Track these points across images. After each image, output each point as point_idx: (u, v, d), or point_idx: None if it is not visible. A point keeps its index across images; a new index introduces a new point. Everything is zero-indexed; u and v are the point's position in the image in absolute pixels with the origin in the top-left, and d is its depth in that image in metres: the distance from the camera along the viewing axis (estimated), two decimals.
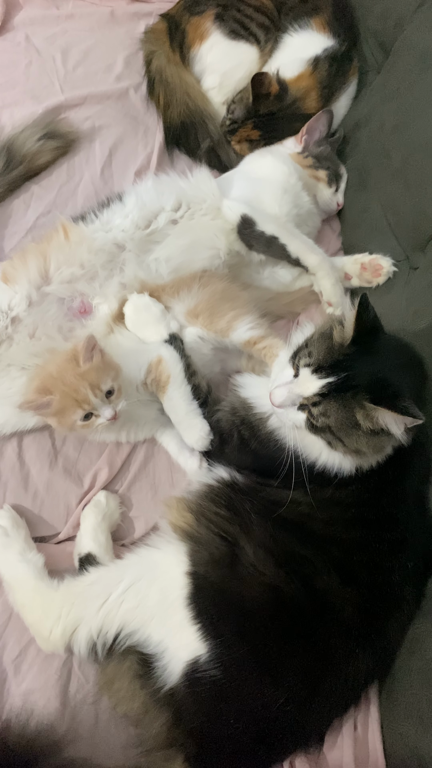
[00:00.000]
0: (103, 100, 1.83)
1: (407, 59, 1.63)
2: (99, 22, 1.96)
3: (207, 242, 1.50)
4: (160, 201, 1.48)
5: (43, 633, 1.18)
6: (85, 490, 1.38)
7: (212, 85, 1.84)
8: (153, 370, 1.34)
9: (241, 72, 1.81)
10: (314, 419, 1.14)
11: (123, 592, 1.14)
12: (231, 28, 1.79)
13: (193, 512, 1.23)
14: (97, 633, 1.13)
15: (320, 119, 1.66)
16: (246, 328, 1.40)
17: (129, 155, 1.77)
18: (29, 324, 1.36)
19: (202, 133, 1.76)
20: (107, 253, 1.42)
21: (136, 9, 2.00)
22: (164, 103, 1.80)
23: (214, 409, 1.35)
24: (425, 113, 1.51)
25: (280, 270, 1.60)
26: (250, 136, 1.74)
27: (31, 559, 1.24)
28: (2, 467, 1.38)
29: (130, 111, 1.84)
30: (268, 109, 1.70)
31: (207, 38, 1.81)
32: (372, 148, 1.66)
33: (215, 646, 1.08)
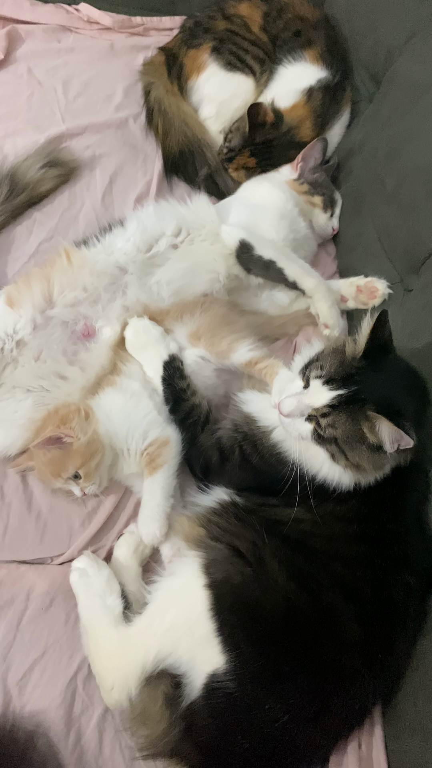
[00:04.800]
0: (104, 129, 1.88)
1: (398, 90, 1.69)
2: (99, 55, 2.01)
3: (207, 266, 1.53)
4: (160, 226, 1.52)
5: (105, 685, 1.19)
6: (89, 511, 1.39)
7: (209, 115, 1.89)
8: (155, 445, 1.34)
9: (237, 102, 1.86)
10: (322, 430, 1.16)
11: (156, 627, 1.16)
12: (227, 60, 1.85)
13: (203, 526, 1.24)
14: (141, 670, 1.14)
15: (315, 147, 1.71)
16: (246, 350, 1.43)
17: (129, 183, 1.81)
18: (34, 347, 1.38)
19: (200, 161, 1.81)
20: (109, 275, 1.45)
21: (134, 42, 2.06)
22: (163, 132, 1.85)
23: (215, 428, 1.37)
24: (416, 141, 1.56)
25: (277, 293, 1.63)
26: (246, 164, 1.79)
27: (110, 605, 1.24)
28: (6, 488, 1.39)
29: (130, 140, 1.89)
30: (264, 138, 1.75)
31: (204, 70, 1.87)
32: (366, 175, 1.71)
33: (232, 658, 1.09)
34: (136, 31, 2.08)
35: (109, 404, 1.37)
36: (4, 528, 1.37)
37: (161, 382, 1.39)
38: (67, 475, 1.28)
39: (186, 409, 1.38)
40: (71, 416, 1.30)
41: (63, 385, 1.39)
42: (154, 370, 1.40)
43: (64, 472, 1.28)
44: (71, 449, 1.28)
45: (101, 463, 1.30)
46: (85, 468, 1.28)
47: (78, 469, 1.28)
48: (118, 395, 1.38)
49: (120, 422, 1.34)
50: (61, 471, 1.28)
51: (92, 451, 1.28)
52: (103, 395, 1.39)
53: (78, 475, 1.29)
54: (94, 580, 1.27)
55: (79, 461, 1.27)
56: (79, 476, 1.29)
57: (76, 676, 1.24)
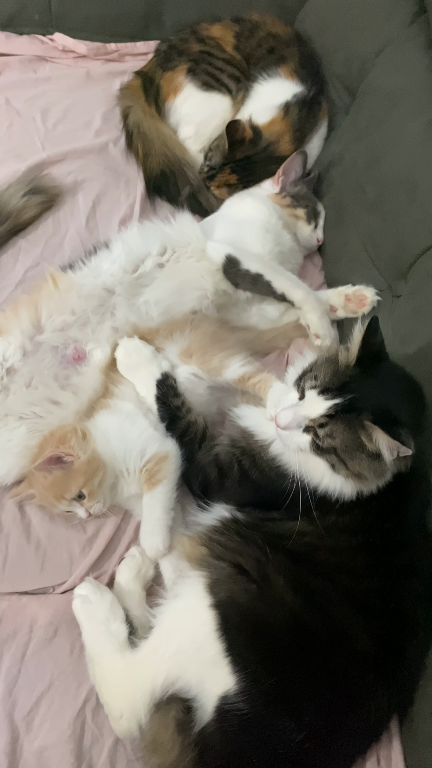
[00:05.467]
0: (84, 154, 1.89)
1: (373, 100, 1.71)
2: (76, 83, 2.04)
3: (194, 283, 1.53)
4: (146, 246, 1.52)
5: (114, 714, 1.16)
6: (89, 537, 1.37)
7: (188, 135, 1.91)
8: (153, 461, 1.32)
9: (215, 121, 1.88)
10: (320, 440, 1.15)
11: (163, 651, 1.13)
12: (203, 80, 1.87)
13: (205, 545, 1.22)
14: (150, 697, 1.11)
15: (295, 160, 1.72)
16: (238, 365, 1.42)
17: (112, 206, 1.82)
18: (25, 373, 1.37)
19: (181, 180, 1.82)
20: (97, 297, 1.45)
21: (110, 68, 2.08)
22: (143, 154, 1.86)
23: (212, 444, 1.36)
24: (395, 149, 1.58)
25: (266, 307, 1.63)
26: (228, 181, 1.80)
27: (114, 631, 1.21)
28: (4, 519, 1.37)
29: (111, 164, 1.90)
30: (243, 154, 1.77)
31: (181, 91, 1.89)
32: (347, 185, 1.72)
33: (243, 678, 1.06)
34: (111, 58, 2.10)
35: (104, 426, 1.35)
36: (4, 559, 1.34)
37: (155, 401, 1.38)
38: (71, 496, 1.26)
39: (182, 427, 1.36)
40: (69, 436, 1.29)
41: (56, 410, 1.38)
42: (147, 390, 1.39)
43: (67, 493, 1.26)
44: (72, 469, 1.26)
45: (104, 481, 1.29)
46: (89, 486, 1.26)
47: (81, 487, 1.26)
48: (113, 417, 1.37)
49: (117, 443, 1.33)
50: (64, 492, 1.26)
51: (94, 468, 1.27)
52: (98, 418, 1.38)
53: (82, 495, 1.27)
54: (97, 607, 1.25)
55: (81, 480, 1.25)
56: (83, 496, 1.27)
57: (84, 708, 1.20)
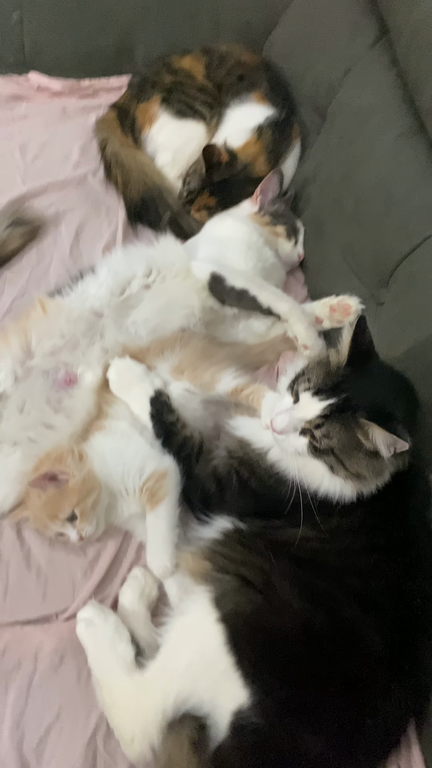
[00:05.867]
0: (64, 186, 1.92)
1: (344, 118, 1.77)
2: (52, 119, 2.07)
3: (181, 302, 1.55)
4: (131, 268, 1.54)
5: (125, 738, 1.13)
6: (90, 560, 1.35)
7: (166, 162, 1.95)
8: (153, 479, 1.31)
9: (191, 147, 1.92)
10: (317, 442, 1.15)
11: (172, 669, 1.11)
12: (177, 109, 1.92)
13: (208, 559, 1.21)
14: (161, 716, 1.09)
15: (271, 180, 1.76)
16: (230, 378, 1.43)
17: (95, 234, 1.84)
18: (17, 399, 1.37)
19: (162, 206, 1.85)
20: (85, 321, 1.46)
21: (85, 104, 2.13)
22: (122, 183, 1.89)
23: (209, 458, 1.35)
24: (368, 162, 1.63)
25: (253, 322, 1.65)
26: (207, 204, 1.83)
27: (120, 652, 1.18)
28: (2, 547, 1.34)
29: (91, 194, 1.93)
30: (221, 177, 1.81)
31: (156, 120, 1.94)
32: (324, 200, 1.77)
33: (255, 691, 1.04)
34: (85, 93, 2.15)
35: (100, 447, 1.35)
36: (4, 588, 1.31)
37: (150, 419, 1.38)
38: (64, 516, 1.25)
39: (178, 443, 1.36)
40: (65, 456, 1.28)
41: (50, 434, 1.37)
42: (141, 408, 1.39)
43: (61, 512, 1.25)
44: (67, 487, 1.25)
45: (98, 502, 1.27)
46: (81, 506, 1.24)
47: (74, 507, 1.24)
48: (108, 437, 1.37)
49: (114, 463, 1.32)
50: (57, 511, 1.25)
51: (88, 488, 1.26)
52: (93, 440, 1.37)
53: (75, 516, 1.25)
54: (101, 629, 1.23)
55: (75, 499, 1.24)
56: (76, 516, 1.25)
57: (95, 736, 1.17)
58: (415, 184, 1.52)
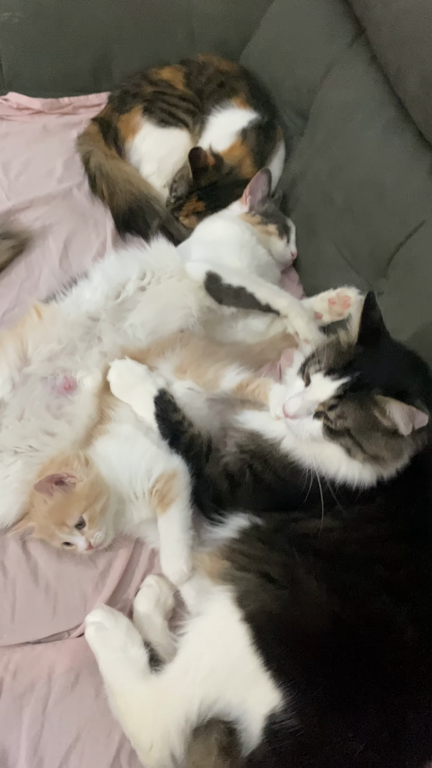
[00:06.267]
0: (50, 200, 1.90)
1: (328, 115, 1.77)
2: (33, 137, 2.06)
3: (178, 302, 1.52)
4: (125, 272, 1.51)
5: (143, 746, 1.05)
6: (101, 572, 1.28)
7: (151, 172, 1.94)
8: (162, 481, 1.26)
9: (176, 155, 1.91)
10: (332, 423, 1.11)
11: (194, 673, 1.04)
12: (160, 118, 1.92)
13: (227, 559, 1.15)
14: (185, 722, 1.02)
15: (260, 179, 1.75)
16: (234, 374, 1.39)
17: (83, 246, 1.82)
18: (16, 406, 1.31)
19: (150, 214, 1.83)
20: (82, 326, 1.41)
21: (65, 121, 2.12)
22: (108, 194, 1.87)
23: (219, 456, 1.31)
24: (356, 155, 1.63)
25: (252, 320, 1.62)
26: (196, 209, 1.82)
27: (133, 657, 1.12)
28: (8, 563, 1.27)
29: (77, 208, 1.91)
30: (208, 181, 1.79)
31: (139, 131, 1.93)
32: (313, 197, 1.76)
33: (288, 692, 0.98)
34: (65, 111, 2.14)
35: (105, 452, 1.29)
36: (12, 608, 1.24)
37: (155, 419, 1.33)
38: (73, 522, 1.18)
39: (186, 442, 1.31)
40: (71, 459, 1.22)
41: (52, 441, 1.31)
42: (145, 408, 1.34)
43: (68, 519, 1.18)
44: (74, 492, 1.19)
45: (107, 507, 1.21)
46: (90, 511, 1.18)
47: (83, 512, 1.18)
48: (112, 441, 1.31)
49: (121, 467, 1.26)
50: (65, 518, 1.18)
51: (96, 492, 1.20)
52: (97, 445, 1.32)
53: (82, 522, 1.19)
54: (112, 633, 1.16)
55: (83, 504, 1.18)
56: (84, 523, 1.19)
57: (119, 756, 1.09)
58: (405, 172, 1.51)
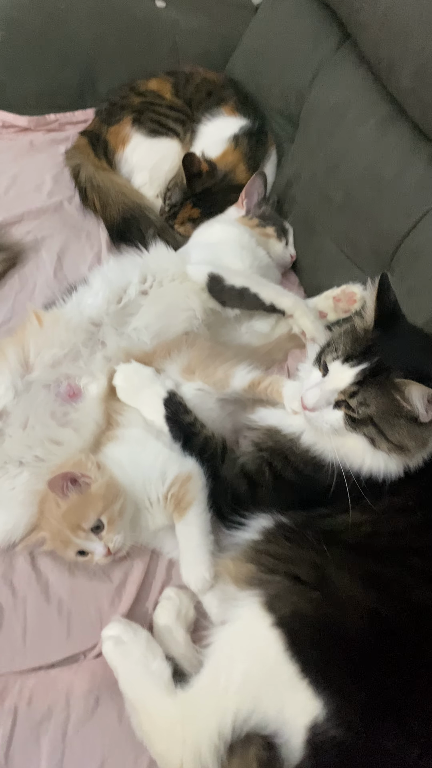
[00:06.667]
0: (40, 214, 1.86)
1: (319, 116, 1.76)
2: (20, 153, 2.03)
3: (181, 305, 1.47)
4: (125, 276, 1.46)
5: (172, 765, 0.97)
6: (117, 586, 1.21)
7: (143, 182, 1.91)
8: (177, 484, 1.19)
9: (167, 165, 1.89)
10: (354, 412, 1.06)
11: (226, 684, 0.97)
12: (150, 128, 1.90)
13: (252, 562, 1.09)
14: (218, 737, 0.94)
15: (255, 182, 1.73)
16: (244, 373, 1.34)
17: (78, 257, 1.77)
18: (19, 415, 1.24)
19: (144, 223, 1.79)
20: (85, 331, 1.36)
21: (52, 137, 2.10)
22: (101, 206, 1.83)
23: (234, 457, 1.25)
24: (352, 152, 1.62)
25: (256, 322, 1.58)
26: (191, 216, 1.79)
27: (155, 670, 1.04)
28: (17, 581, 1.19)
29: (69, 221, 1.87)
30: (203, 187, 1.77)
31: (129, 141, 1.91)
32: (310, 198, 1.74)
33: (330, 699, 0.91)
34: (52, 127, 2.12)
35: (115, 458, 1.22)
36: (23, 630, 1.16)
37: (165, 422, 1.27)
38: (89, 525, 1.11)
39: (199, 444, 1.25)
40: (83, 461, 1.16)
41: (58, 450, 1.24)
42: (154, 411, 1.28)
43: (85, 521, 1.11)
44: (90, 493, 1.12)
45: (124, 509, 1.14)
46: (109, 512, 1.11)
47: (101, 514, 1.11)
48: (122, 447, 1.25)
49: (133, 473, 1.20)
50: (81, 520, 1.11)
51: (114, 493, 1.13)
52: (107, 452, 1.25)
53: (100, 526, 1.12)
54: (131, 647, 1.08)
55: (100, 505, 1.11)
56: (101, 527, 1.12)
57: None
58: (403, 164, 1.50)
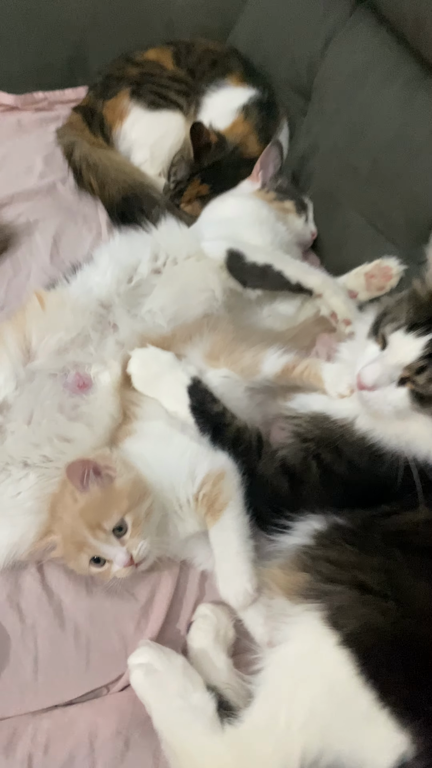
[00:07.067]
0: (32, 196, 1.69)
1: (337, 84, 1.62)
2: (8, 133, 1.87)
3: (199, 284, 1.31)
4: (135, 254, 1.29)
5: None
6: (143, 605, 1.03)
7: (143, 159, 1.75)
8: (210, 483, 1.02)
9: (170, 140, 1.73)
10: (422, 389, 0.91)
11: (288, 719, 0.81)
12: (150, 101, 1.74)
13: (306, 570, 0.92)
14: None
15: (271, 152, 1.57)
16: (275, 357, 1.18)
17: (75, 240, 1.61)
18: (22, 408, 1.07)
19: (147, 202, 1.62)
20: (93, 313, 1.19)
21: (41, 117, 1.93)
22: (98, 186, 1.67)
23: (272, 451, 1.08)
24: (377, 117, 1.47)
25: (279, 305, 1.41)
26: (200, 192, 1.62)
27: (197, 704, 0.87)
28: (25, 604, 1.02)
29: (63, 203, 1.71)
30: (212, 160, 1.61)
31: (127, 116, 1.74)
32: (331, 170, 1.58)
33: (418, 732, 0.76)
34: (40, 106, 1.96)
35: (136, 455, 1.05)
36: (34, 662, 0.98)
37: (190, 413, 1.10)
38: (111, 525, 0.93)
39: (231, 436, 1.08)
40: (108, 453, 0.98)
41: (69, 448, 1.07)
42: (176, 401, 1.11)
43: (106, 520, 0.93)
44: (113, 488, 0.95)
45: (152, 513, 0.97)
46: (134, 513, 0.94)
47: (125, 514, 0.94)
48: (143, 442, 1.08)
49: (158, 472, 1.02)
50: (102, 518, 0.93)
51: (141, 491, 0.96)
52: (126, 449, 1.08)
53: (123, 527, 0.94)
54: (166, 676, 0.91)
55: (125, 503, 0.94)
56: (124, 528, 0.94)
57: None
58: None
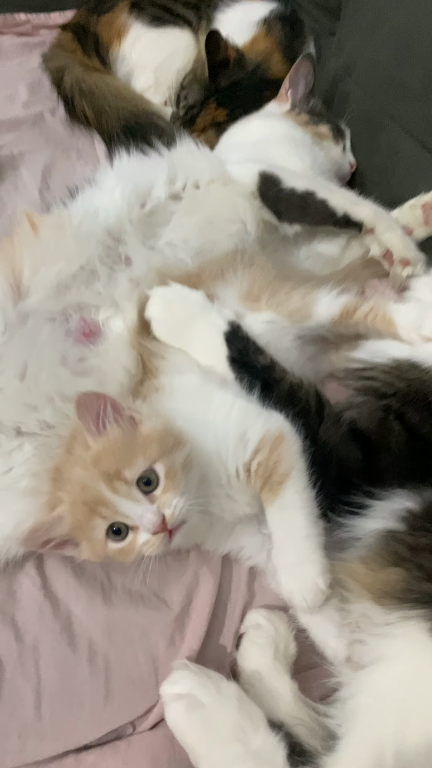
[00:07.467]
0: (16, 126, 1.44)
1: None
2: None
3: (227, 214, 1.06)
4: (147, 174, 1.04)
5: None
6: (177, 615, 0.79)
7: (146, 85, 1.49)
8: (266, 449, 0.79)
9: (177, 62, 1.47)
10: None
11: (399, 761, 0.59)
12: (153, 15, 1.48)
13: (399, 564, 0.69)
14: None
15: (301, 67, 1.31)
16: (330, 298, 0.94)
17: (68, 175, 1.35)
18: (13, 359, 0.81)
19: (153, 131, 1.36)
20: (100, 243, 0.93)
21: (23, 42, 1.67)
22: (94, 115, 1.41)
23: (335, 412, 0.84)
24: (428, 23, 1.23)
25: (319, 244, 1.17)
26: (215, 118, 1.37)
27: (261, 750, 0.65)
28: (21, 618, 0.77)
29: (52, 135, 1.45)
30: (230, 80, 1.36)
31: (126, 33, 1.48)
32: (372, 90, 1.34)
33: None
34: (23, 30, 1.69)
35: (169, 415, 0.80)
36: (36, 695, 0.74)
37: (230, 366, 0.85)
38: (135, 473, 0.68)
39: (284, 393, 0.83)
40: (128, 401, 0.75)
41: None
42: (211, 352, 0.86)
43: (129, 467, 0.68)
44: (139, 432, 0.71)
45: (191, 466, 0.73)
46: (167, 461, 0.70)
47: (154, 462, 0.69)
48: (175, 401, 0.83)
49: (198, 436, 0.77)
50: (124, 465, 0.68)
51: (174, 440, 0.72)
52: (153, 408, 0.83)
53: (152, 480, 0.69)
54: (215, 712, 0.68)
55: (154, 449, 0.70)
56: (154, 482, 0.70)
57: None
58: None
